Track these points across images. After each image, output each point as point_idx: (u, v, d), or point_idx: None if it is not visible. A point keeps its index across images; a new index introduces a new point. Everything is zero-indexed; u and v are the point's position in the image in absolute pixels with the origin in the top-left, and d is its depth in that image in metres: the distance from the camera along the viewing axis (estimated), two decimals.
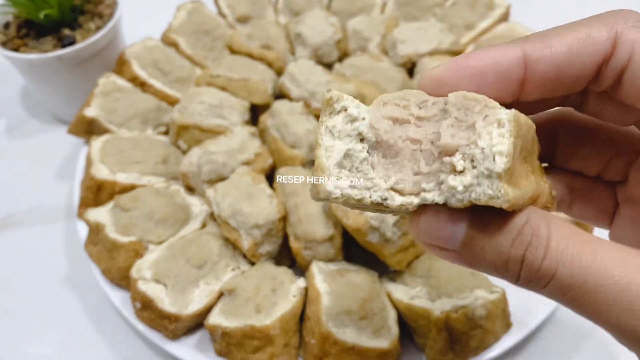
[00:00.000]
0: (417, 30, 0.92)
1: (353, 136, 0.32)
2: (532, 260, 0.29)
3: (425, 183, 0.31)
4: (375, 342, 0.63)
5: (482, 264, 0.31)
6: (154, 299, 0.66)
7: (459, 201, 0.29)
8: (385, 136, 0.32)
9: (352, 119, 0.32)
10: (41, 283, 0.82)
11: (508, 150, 0.28)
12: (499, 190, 0.28)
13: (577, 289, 0.28)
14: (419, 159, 0.32)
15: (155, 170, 0.81)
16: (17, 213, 0.90)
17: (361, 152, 0.32)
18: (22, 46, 0.91)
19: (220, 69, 0.88)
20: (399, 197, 0.31)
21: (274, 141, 0.81)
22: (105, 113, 0.86)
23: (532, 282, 0.29)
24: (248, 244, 0.70)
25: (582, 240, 0.29)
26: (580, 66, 0.32)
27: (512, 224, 0.29)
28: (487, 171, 0.28)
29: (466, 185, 0.29)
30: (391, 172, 0.32)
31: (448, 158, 0.30)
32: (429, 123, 0.32)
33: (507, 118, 0.29)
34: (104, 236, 0.72)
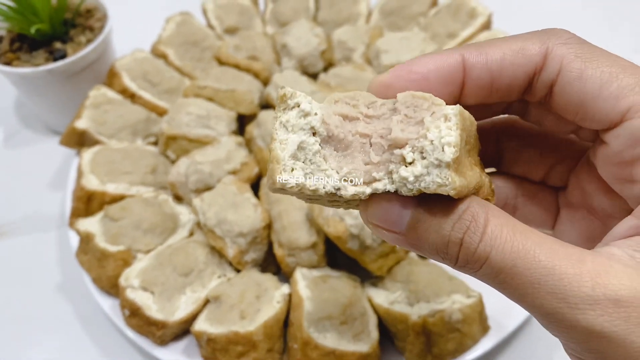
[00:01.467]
0: (400, 40, 0.94)
1: (306, 130, 0.33)
2: (469, 243, 0.31)
3: (375, 172, 0.33)
4: (355, 347, 0.65)
5: (425, 246, 0.33)
6: (142, 306, 0.68)
7: (410, 190, 0.32)
8: (336, 131, 0.34)
9: (305, 113, 0.34)
10: (34, 291, 0.84)
11: (456, 141, 0.31)
12: (447, 178, 0.30)
13: (506, 272, 0.30)
14: (368, 151, 0.33)
15: (144, 180, 0.83)
16: (11, 222, 0.92)
17: (314, 145, 0.34)
18: (15, 60, 0.93)
19: (208, 80, 0.91)
20: (351, 187, 0.33)
21: (260, 150, 0.83)
22: (96, 125, 0.88)
23: (468, 265, 0.31)
24: (233, 251, 0.72)
25: (516, 229, 0.31)
26: (512, 75, 0.34)
27: (455, 210, 0.32)
28: (436, 161, 0.31)
29: (417, 175, 0.31)
30: (343, 163, 0.34)
31: (398, 150, 0.32)
32: (377, 121, 0.34)
33: (453, 112, 0.31)
34: (94, 245, 0.74)
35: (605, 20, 1.26)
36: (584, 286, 0.28)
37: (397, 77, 0.35)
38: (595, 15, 1.27)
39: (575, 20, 1.26)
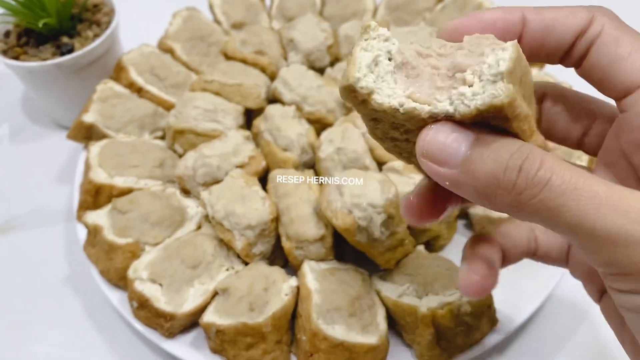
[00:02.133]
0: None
1: (383, 52, 0.36)
2: (528, 168, 0.31)
3: (438, 94, 0.35)
4: (364, 338, 0.65)
5: (480, 177, 0.33)
6: (150, 298, 0.68)
7: (466, 107, 0.33)
8: (410, 59, 0.36)
9: (385, 38, 0.37)
10: (42, 284, 0.84)
11: (510, 56, 0.32)
12: (501, 88, 0.32)
13: (567, 195, 0.30)
14: (436, 79, 0.35)
15: (151, 174, 0.83)
16: (18, 216, 0.93)
17: (388, 65, 0.36)
18: (22, 54, 0.93)
19: (215, 74, 0.91)
20: (413, 102, 0.35)
21: (267, 144, 0.83)
22: (103, 118, 0.88)
23: (525, 191, 0.31)
24: (241, 244, 0.72)
25: (573, 168, 0.32)
26: (562, 33, 0.39)
27: (512, 142, 0.33)
28: (492, 77, 0.32)
29: (474, 92, 0.33)
30: (410, 86, 0.36)
31: (460, 74, 0.34)
32: (446, 58, 0.36)
33: (510, 43, 0.33)
34: (102, 238, 0.74)
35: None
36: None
37: (467, 21, 0.38)
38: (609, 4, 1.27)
39: None
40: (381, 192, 0.67)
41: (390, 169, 0.78)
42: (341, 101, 0.86)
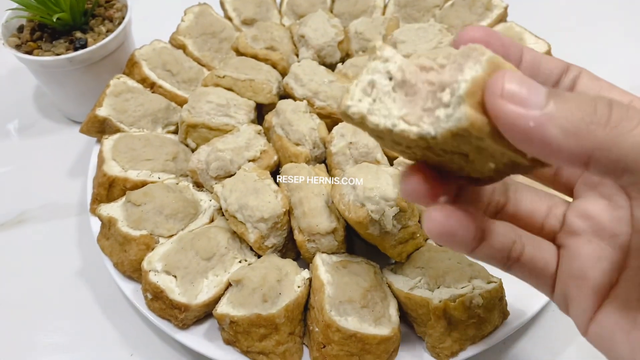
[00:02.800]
0: (417, 31, 0.95)
1: (382, 72, 0.37)
2: (619, 104, 0.30)
3: (425, 117, 0.35)
4: (377, 330, 0.65)
5: (568, 113, 0.29)
6: (165, 289, 0.69)
7: (442, 129, 0.33)
8: (409, 77, 0.36)
9: (385, 59, 0.37)
10: (55, 276, 0.85)
11: (473, 77, 0.31)
12: (462, 112, 0.31)
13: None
14: (429, 98, 0.35)
15: (165, 168, 0.84)
16: (31, 209, 0.94)
17: (386, 86, 0.37)
18: (36, 49, 0.94)
19: (227, 69, 0.91)
20: (403, 124, 0.35)
21: (279, 139, 0.84)
22: (117, 113, 0.89)
23: (622, 122, 0.29)
24: (254, 236, 0.73)
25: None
26: (552, 66, 0.41)
27: None
28: (457, 100, 0.32)
29: (447, 114, 0.32)
30: (406, 106, 0.36)
31: (440, 93, 0.34)
32: (442, 72, 0.35)
33: (485, 58, 0.32)
34: (116, 230, 0.75)
35: (619, 14, 1.26)
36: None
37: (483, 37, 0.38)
38: (610, 10, 1.27)
39: (589, 14, 1.27)
40: (393, 186, 0.68)
41: (401, 163, 0.79)
42: None
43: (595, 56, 1.16)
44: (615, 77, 1.12)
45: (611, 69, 1.13)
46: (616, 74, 1.12)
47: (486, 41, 0.38)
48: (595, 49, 1.17)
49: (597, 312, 0.41)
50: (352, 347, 0.65)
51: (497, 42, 0.38)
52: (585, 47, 1.17)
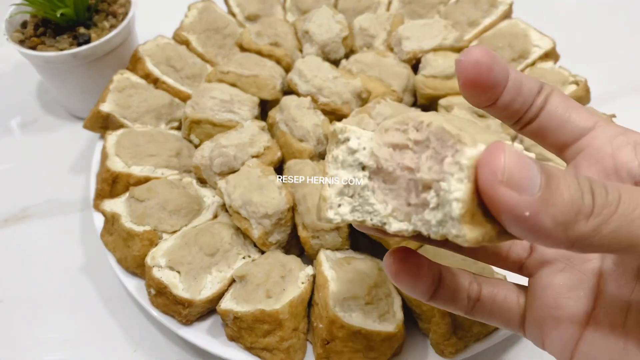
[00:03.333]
0: (422, 27, 0.95)
1: (355, 165, 0.35)
2: (599, 189, 0.30)
3: (414, 215, 0.33)
4: (381, 326, 0.65)
5: (559, 204, 0.29)
6: (169, 285, 0.69)
7: (435, 234, 0.31)
8: (385, 164, 0.34)
9: (352, 151, 0.35)
10: (58, 272, 0.85)
11: (463, 197, 0.30)
12: (460, 230, 0.30)
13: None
14: (411, 189, 0.33)
15: (168, 163, 0.84)
16: (34, 205, 0.94)
17: (362, 179, 0.35)
18: (39, 44, 0.94)
19: (231, 65, 0.91)
20: (396, 223, 0.34)
21: (283, 135, 0.84)
22: (120, 108, 0.89)
23: (604, 211, 0.30)
24: (258, 232, 0.72)
25: (619, 184, 0.32)
26: (531, 87, 0.41)
27: (568, 170, 0.33)
28: (448, 214, 0.30)
29: (438, 220, 0.31)
30: (389, 197, 0.35)
31: (424, 194, 0.32)
32: (421, 148, 0.34)
33: (467, 164, 0.30)
34: (119, 226, 0.75)
35: (625, 11, 1.26)
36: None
37: (465, 64, 0.38)
38: (616, 6, 1.27)
39: (595, 10, 1.26)
40: None
41: None
42: (356, 93, 0.86)
43: (600, 53, 1.15)
44: (621, 73, 1.12)
45: (617, 65, 1.13)
46: (622, 70, 1.12)
47: (489, 63, 0.38)
48: (600, 46, 1.17)
49: (579, 342, 0.39)
50: (357, 344, 0.65)
51: (497, 64, 0.38)
52: (591, 43, 1.17)
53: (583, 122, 0.40)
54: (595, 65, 1.03)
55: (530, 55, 0.94)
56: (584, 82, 0.87)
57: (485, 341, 0.68)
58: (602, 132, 0.40)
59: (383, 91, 0.88)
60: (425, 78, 0.89)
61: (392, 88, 0.88)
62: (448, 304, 0.43)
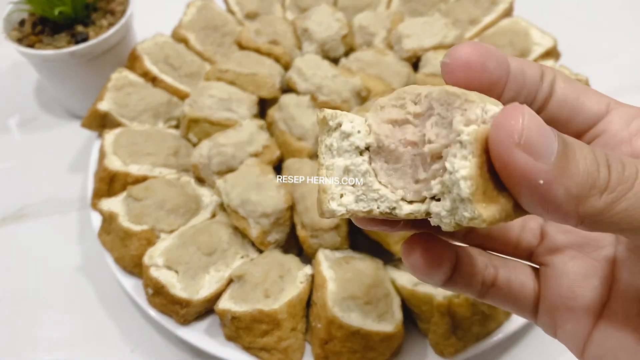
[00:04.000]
0: (422, 25, 0.94)
1: (351, 151, 0.32)
2: (616, 164, 0.29)
3: (425, 191, 0.31)
4: (380, 326, 0.65)
5: (575, 175, 0.28)
6: (166, 284, 0.68)
7: (448, 225, 0.30)
8: (387, 141, 0.32)
9: (346, 135, 0.33)
10: (56, 271, 0.84)
11: (470, 173, 0.28)
12: (474, 211, 0.28)
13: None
14: (417, 164, 0.32)
15: (166, 162, 0.83)
16: (32, 204, 0.93)
17: (362, 164, 0.32)
18: (37, 43, 0.93)
19: (229, 64, 0.91)
20: (407, 205, 0.31)
21: (282, 134, 0.83)
22: (118, 107, 0.89)
23: (619, 187, 0.28)
24: (256, 232, 0.72)
25: None
26: (533, 73, 0.36)
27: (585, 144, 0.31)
28: (457, 196, 0.28)
29: (448, 210, 0.29)
30: (393, 179, 0.32)
31: (434, 165, 0.30)
32: (423, 120, 0.32)
33: (468, 139, 0.28)
34: (117, 225, 0.75)
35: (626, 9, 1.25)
36: None
37: (456, 65, 0.34)
38: (617, 4, 1.26)
39: (596, 8, 1.25)
40: None
41: None
42: (356, 90, 0.86)
43: (601, 51, 1.15)
44: (622, 71, 1.11)
45: (617, 63, 1.12)
46: (622, 68, 1.11)
47: (482, 61, 0.33)
48: (601, 44, 1.16)
49: (593, 332, 0.38)
50: (355, 344, 0.64)
51: (492, 60, 0.34)
52: (592, 41, 1.16)
53: (595, 106, 0.37)
54: (597, 64, 1.03)
55: (531, 53, 0.93)
56: (584, 80, 0.86)
57: (484, 341, 0.67)
58: (617, 116, 0.37)
59: (383, 89, 0.87)
60: (426, 76, 0.88)
61: (392, 86, 0.88)
62: (462, 288, 0.41)
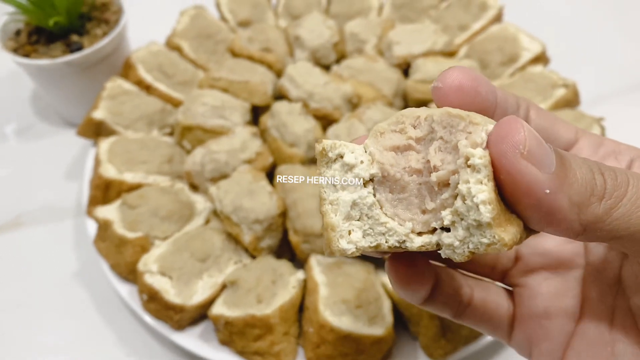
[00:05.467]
0: (412, 32, 0.95)
1: (355, 184, 0.31)
2: (609, 171, 0.30)
3: (434, 221, 0.30)
4: (371, 330, 0.66)
5: (574, 184, 0.29)
6: (160, 290, 0.69)
7: (461, 255, 0.29)
8: (392, 170, 0.31)
9: (350, 167, 0.31)
10: (52, 278, 0.85)
11: (490, 197, 0.27)
12: (494, 236, 0.27)
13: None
14: (424, 194, 0.31)
15: (160, 170, 0.84)
16: (28, 212, 0.94)
17: (367, 197, 0.31)
18: (33, 52, 0.95)
19: (222, 71, 0.92)
20: (418, 238, 0.31)
21: (274, 141, 0.84)
22: (112, 115, 0.90)
23: (615, 193, 0.29)
24: (249, 238, 0.73)
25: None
26: (511, 103, 0.37)
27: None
28: (475, 222, 0.28)
29: (461, 239, 0.29)
30: (399, 209, 0.31)
31: (442, 194, 0.29)
32: (425, 144, 0.31)
33: (482, 162, 0.28)
34: (112, 232, 0.76)
35: (614, 14, 1.27)
36: None
37: (448, 91, 0.34)
38: (605, 9, 1.27)
39: (584, 14, 1.27)
40: None
41: None
42: (347, 97, 0.87)
43: (589, 56, 1.16)
44: (610, 76, 1.13)
45: (605, 68, 1.14)
46: (610, 73, 1.12)
47: (474, 86, 0.33)
48: (589, 49, 1.18)
49: (567, 352, 0.38)
50: (347, 347, 0.65)
51: (484, 86, 0.34)
52: (580, 47, 1.17)
53: (566, 133, 0.39)
54: (584, 68, 1.04)
55: (520, 59, 0.95)
56: (572, 85, 0.88)
57: (473, 344, 0.68)
58: (586, 143, 0.39)
59: (374, 96, 0.88)
60: (416, 83, 0.90)
61: (382, 93, 0.89)
62: (440, 307, 0.42)
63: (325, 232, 0.31)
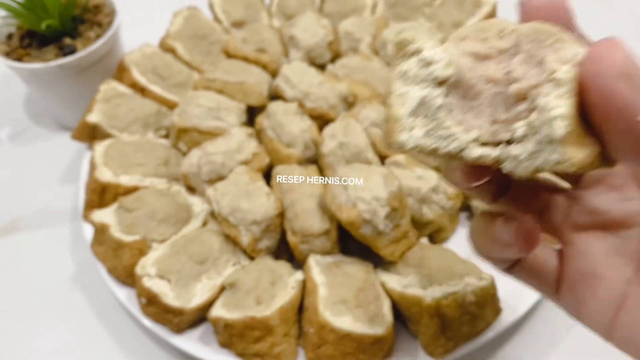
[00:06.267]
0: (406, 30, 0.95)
1: (429, 81, 0.30)
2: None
3: (504, 132, 0.30)
4: (371, 329, 0.66)
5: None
6: (159, 294, 0.69)
7: (526, 169, 0.28)
8: (468, 75, 0.30)
9: (427, 62, 0.30)
10: (49, 283, 0.85)
11: (566, 112, 0.27)
12: (564, 154, 0.27)
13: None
14: (498, 104, 0.30)
15: (157, 172, 0.84)
16: (24, 217, 0.94)
17: (437, 98, 0.30)
18: (25, 56, 0.94)
19: (217, 72, 0.91)
20: (478, 148, 0.30)
21: (270, 141, 0.84)
22: (107, 118, 0.89)
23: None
24: (247, 239, 0.73)
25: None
26: None
27: None
28: (548, 137, 0.27)
29: (530, 152, 0.28)
30: (469, 116, 0.31)
31: (518, 106, 0.29)
32: (508, 57, 0.30)
33: (566, 78, 0.27)
34: (109, 236, 0.75)
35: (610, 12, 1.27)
36: None
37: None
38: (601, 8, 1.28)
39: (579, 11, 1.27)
40: (384, 186, 0.68)
41: (393, 162, 0.79)
42: (342, 97, 0.87)
43: None
44: None
45: None
46: None
47: (562, 2, 0.32)
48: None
49: (620, 313, 0.36)
50: (347, 347, 0.65)
51: (567, 14, 0.32)
52: None
53: None
54: None
55: None
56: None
57: (474, 341, 0.68)
58: None
59: (369, 95, 0.88)
60: None
61: (378, 92, 0.89)
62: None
63: (386, 125, 0.31)
